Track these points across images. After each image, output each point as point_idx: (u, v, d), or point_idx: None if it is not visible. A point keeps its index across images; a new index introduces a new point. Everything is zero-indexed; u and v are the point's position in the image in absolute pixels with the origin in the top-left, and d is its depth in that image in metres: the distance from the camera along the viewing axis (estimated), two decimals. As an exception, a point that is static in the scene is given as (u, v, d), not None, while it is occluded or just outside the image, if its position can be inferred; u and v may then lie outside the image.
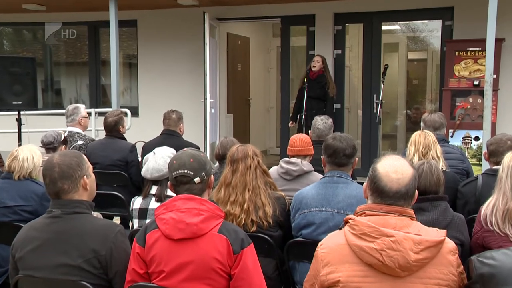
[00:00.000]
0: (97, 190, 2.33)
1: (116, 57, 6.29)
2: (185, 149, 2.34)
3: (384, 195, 1.92)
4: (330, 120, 4.43)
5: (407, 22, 8.90)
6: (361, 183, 2.29)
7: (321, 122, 4.35)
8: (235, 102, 9.07)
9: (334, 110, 7.52)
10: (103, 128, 4.77)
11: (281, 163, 3.63)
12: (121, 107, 6.48)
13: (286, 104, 7.88)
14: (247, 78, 9.53)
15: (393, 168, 1.94)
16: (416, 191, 1.97)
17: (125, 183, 4.48)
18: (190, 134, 6.26)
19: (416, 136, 3.66)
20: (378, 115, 6.50)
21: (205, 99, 7.38)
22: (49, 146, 4.10)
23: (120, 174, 4.48)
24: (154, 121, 7.79)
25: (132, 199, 3.17)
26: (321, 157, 3.02)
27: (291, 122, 7.12)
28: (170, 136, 4.76)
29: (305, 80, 6.74)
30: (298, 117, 7.06)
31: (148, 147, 4.51)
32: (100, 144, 4.68)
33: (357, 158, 3.00)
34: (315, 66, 6.96)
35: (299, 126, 6.96)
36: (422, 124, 4.40)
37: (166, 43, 8.32)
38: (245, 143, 3.15)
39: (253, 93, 9.69)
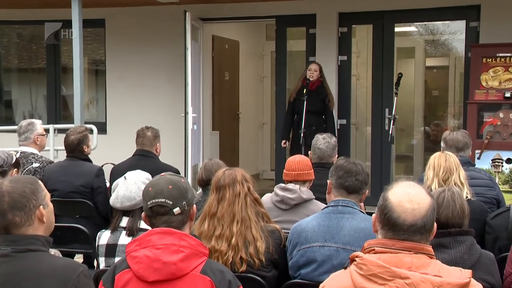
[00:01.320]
0: (56, 222, 2.32)
1: (80, 62, 6.31)
2: (162, 173, 2.35)
3: (397, 229, 1.93)
4: (334, 139, 4.46)
5: (425, 23, 9.01)
6: (371, 214, 2.31)
7: (323, 141, 4.39)
8: (222, 117, 9.11)
9: (338, 127, 7.58)
10: (63, 148, 4.78)
11: (276, 189, 3.65)
12: (86, 122, 6.49)
13: (282, 119, 7.93)
14: (236, 89, 9.60)
15: (408, 197, 1.95)
16: (435, 224, 1.98)
17: (89, 214, 4.47)
18: (169, 155, 6.26)
19: (435, 158, 3.69)
20: (390, 132, 6.55)
21: (186, 113, 7.41)
22: (-2, 169, 4.09)
23: (84, 203, 4.47)
24: (125, 139, 7.80)
25: (98, 233, 3.16)
26: (326, 182, 3.03)
27: (283, 141, 7.18)
28: (145, 158, 4.77)
29: (304, 91, 6.80)
30: (291, 135, 7.13)
31: (118, 171, 4.51)
32: (59, 167, 4.67)
33: (367, 191, 3.03)
34: (312, 76, 7.05)
35: (293, 145, 7.00)
36: (442, 144, 4.44)
37: (139, 47, 8.36)
38: (233, 166, 3.17)
39: (243, 107, 9.74)
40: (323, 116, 7.11)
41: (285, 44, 8.04)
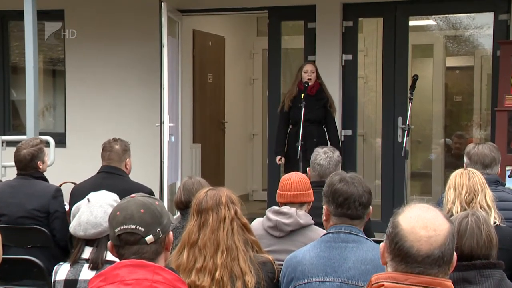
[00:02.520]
0: (3, 254, 2.32)
1: (34, 62, 6.31)
2: (133, 195, 2.36)
3: (410, 260, 1.93)
4: (337, 153, 4.49)
5: (446, 15, 9.08)
6: (379, 242, 2.33)
7: (325, 156, 4.41)
8: (204, 127, 9.13)
9: (342, 139, 7.61)
10: (13, 164, 4.77)
11: (269, 213, 3.66)
12: (41, 133, 6.47)
13: (275, 130, 7.95)
14: (221, 94, 9.63)
15: (422, 222, 1.96)
16: (455, 254, 2.00)
17: (44, 244, 4.45)
18: (140, 172, 6.26)
19: (457, 176, 3.72)
20: (404, 145, 6.58)
21: (161, 122, 7.42)
22: None
23: (38, 231, 4.46)
24: (88, 153, 7.79)
25: (55, 267, 3.16)
26: (324, 206, 3.05)
27: (278, 157, 7.21)
28: (112, 176, 4.77)
29: (302, 97, 6.83)
30: (286, 150, 7.16)
31: (80, 192, 4.50)
32: (9, 187, 4.66)
33: (371, 208, 3.04)
34: (310, 79, 7.09)
35: (289, 161, 7.03)
36: (466, 159, 4.47)
37: (106, 44, 8.37)
38: (217, 186, 3.18)
39: (229, 115, 9.77)
40: (324, 126, 7.16)
41: (279, 41, 8.08)
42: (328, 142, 7.02)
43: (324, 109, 7.10)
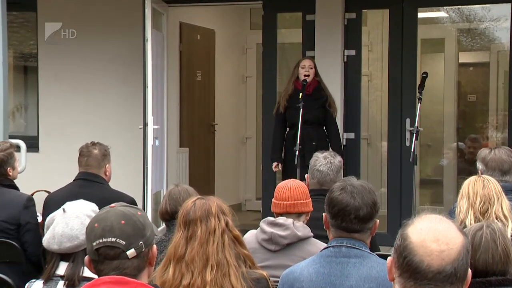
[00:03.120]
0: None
1: (3, 57, 6.29)
2: (113, 204, 2.36)
3: (419, 277, 1.93)
4: (338, 158, 4.49)
5: (458, 6, 9.10)
6: (385, 257, 2.33)
7: (325, 161, 4.42)
8: (193, 130, 9.13)
9: (344, 142, 7.62)
10: (-19, 170, 4.75)
11: (263, 225, 3.66)
12: (11, 136, 6.46)
13: (271, 133, 7.94)
14: (211, 93, 9.63)
15: (434, 235, 1.96)
16: (470, 270, 2.00)
17: (15, 259, 4.44)
18: (122, 179, 6.24)
19: (470, 184, 3.72)
20: (413, 150, 6.61)
21: (145, 125, 7.41)
22: None
23: (7, 245, 4.44)
24: (63, 159, 7.77)
25: (27, 284, 3.14)
26: (323, 214, 3.05)
27: (275, 164, 7.21)
28: (90, 184, 4.77)
29: (300, 96, 6.84)
30: (283, 155, 7.16)
31: (55, 201, 4.50)
32: (-24, 196, 4.65)
33: (377, 221, 3.03)
34: (307, 75, 7.10)
35: (286, 167, 7.04)
36: (480, 164, 4.48)
37: (84, 38, 8.36)
38: (207, 194, 3.18)
39: (220, 116, 9.77)
40: (324, 128, 7.17)
41: (275, 35, 8.09)
42: (329, 146, 7.03)
43: (323, 109, 7.11)
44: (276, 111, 7.28)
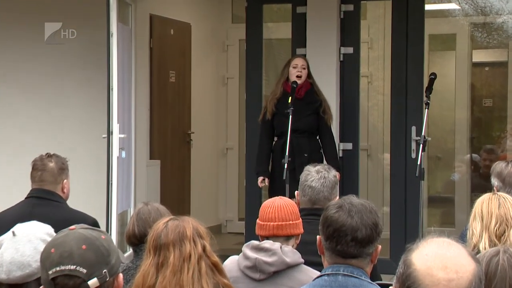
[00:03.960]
0: None
1: None
2: (72, 226, 2.36)
3: (425, 309, 1.94)
4: (333, 172, 4.50)
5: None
6: (388, 286, 2.34)
7: (317, 176, 4.42)
8: (165, 140, 9.12)
9: (340, 154, 7.63)
10: None
11: (246, 250, 3.66)
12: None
13: (256, 143, 7.94)
14: (187, 97, 9.62)
15: (441, 262, 1.97)
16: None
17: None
18: (82, 197, 6.22)
19: (484, 202, 3.73)
20: (419, 163, 6.62)
21: (109, 133, 7.39)
22: None
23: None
24: (12, 173, 7.72)
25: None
26: (317, 237, 3.05)
27: (260, 178, 7.22)
28: (45, 202, 4.73)
29: (289, 101, 6.83)
30: (271, 168, 7.16)
31: (3, 222, 4.46)
32: None
33: (379, 246, 3.03)
34: (299, 76, 7.11)
35: (274, 182, 7.05)
36: (496, 180, 4.50)
37: (36, 32, 8.33)
38: (181, 214, 3.18)
39: (197, 123, 9.76)
40: (318, 137, 7.18)
41: (260, 30, 8.10)
42: (323, 158, 7.04)
43: (316, 116, 7.12)
44: (263, 118, 7.27)
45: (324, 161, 6.85)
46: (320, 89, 7.26)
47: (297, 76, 7.08)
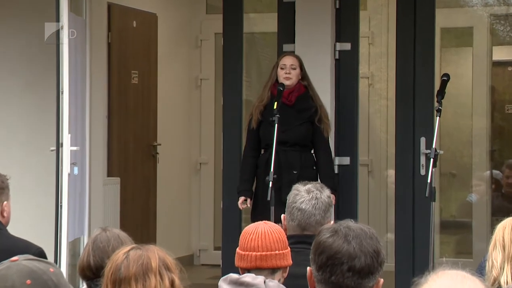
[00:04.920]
0: None
1: None
2: (15, 257, 2.35)
3: None
4: (327, 192, 4.49)
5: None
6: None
7: (308, 196, 4.41)
8: (126, 154, 9.10)
9: (336, 170, 7.64)
10: None
11: (223, 285, 3.66)
12: None
13: (235, 156, 7.96)
14: (152, 101, 9.60)
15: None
16: None
17: None
18: (26, 222, 6.20)
19: (506, 228, 3.75)
20: (430, 181, 6.64)
21: (59, 146, 7.38)
22: None
23: None
24: None
25: None
26: (308, 268, 3.06)
27: (242, 199, 7.21)
28: (-19, 228, 4.73)
29: (275, 106, 6.83)
30: (255, 186, 7.16)
31: None
32: None
33: (381, 280, 3.04)
34: (289, 78, 7.11)
35: (257, 204, 7.05)
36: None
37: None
38: (145, 243, 3.18)
39: (165, 133, 9.75)
40: (312, 151, 7.19)
41: (240, 22, 8.09)
42: (317, 176, 7.05)
43: (310, 126, 7.12)
44: (248, 127, 7.29)
45: (318, 179, 6.85)
46: (318, 94, 7.27)
47: (286, 78, 7.09)
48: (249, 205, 7.20)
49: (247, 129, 7.31)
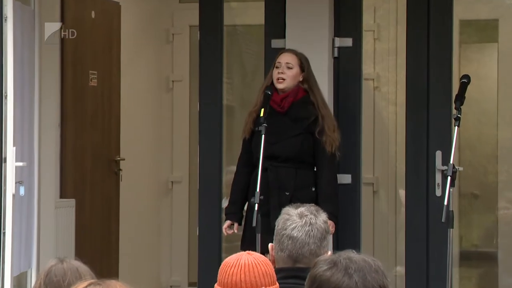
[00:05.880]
0: None
1: None
2: None
3: None
4: (323, 217, 4.50)
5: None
6: None
7: (301, 221, 4.41)
8: (83, 170, 9.09)
9: (336, 191, 7.63)
10: None
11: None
12: None
13: (214, 173, 7.97)
14: (114, 107, 9.60)
15: None
16: None
17: None
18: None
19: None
20: (447, 203, 6.66)
21: (1, 161, 7.39)
22: None
23: None
24: None
25: None
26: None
27: (227, 223, 7.23)
28: None
29: (261, 114, 6.83)
30: (246, 209, 7.18)
31: None
32: None
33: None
34: (282, 79, 7.13)
35: (247, 231, 7.07)
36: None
37: None
38: (106, 277, 3.20)
39: (129, 147, 9.77)
40: (314, 168, 7.21)
41: (220, 12, 8.12)
42: (316, 198, 7.06)
43: (309, 138, 7.13)
44: (243, 137, 7.32)
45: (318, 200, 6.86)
46: (324, 98, 7.29)
47: (279, 80, 7.12)
48: (236, 231, 7.22)
49: (243, 140, 7.34)
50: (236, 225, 7.21)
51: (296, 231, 4.46)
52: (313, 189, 7.15)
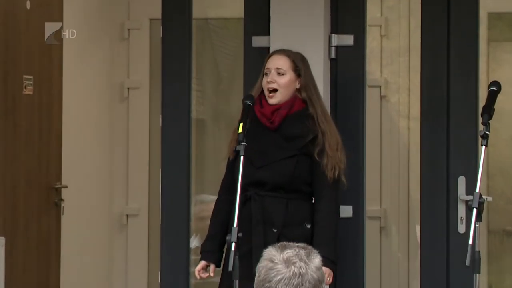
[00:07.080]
0: None
1: None
2: None
3: None
4: (316, 261, 4.53)
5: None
6: None
7: (287, 272, 4.41)
8: (14, 201, 9.11)
9: (337, 230, 7.64)
10: None
11: None
12: None
13: (180, 204, 8.01)
14: (55, 122, 9.63)
15: None
16: None
17: None
18: None
19: None
20: (472, 242, 6.68)
21: None
22: None
23: None
24: None
25: None
26: None
27: (201, 264, 7.26)
28: None
29: (239, 129, 6.81)
30: (226, 247, 7.18)
31: None
32: None
33: None
34: (273, 90, 7.15)
35: (225, 274, 7.06)
36: None
37: None
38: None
39: (73, 172, 9.79)
40: (312, 199, 7.23)
41: (188, 3, 8.19)
42: (311, 237, 7.11)
43: (306, 161, 7.16)
44: (227, 158, 7.36)
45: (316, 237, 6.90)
46: (327, 111, 7.31)
47: (270, 90, 7.15)
48: (212, 275, 7.24)
49: (228, 160, 7.35)
50: (212, 267, 7.20)
51: (283, 285, 4.47)
52: (308, 226, 7.11)
